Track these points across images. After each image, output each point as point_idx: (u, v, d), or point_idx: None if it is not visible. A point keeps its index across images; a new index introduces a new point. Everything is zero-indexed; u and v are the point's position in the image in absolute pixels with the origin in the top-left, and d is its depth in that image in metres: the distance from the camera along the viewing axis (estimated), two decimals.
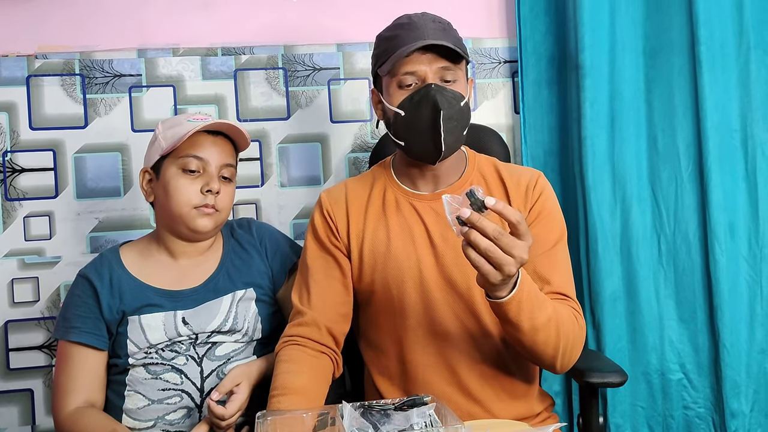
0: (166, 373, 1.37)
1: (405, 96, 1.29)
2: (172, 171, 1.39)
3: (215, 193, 1.39)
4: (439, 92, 1.26)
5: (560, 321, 1.20)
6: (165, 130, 1.41)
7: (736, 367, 1.79)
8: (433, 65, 1.27)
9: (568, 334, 1.22)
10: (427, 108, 1.26)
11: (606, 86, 1.84)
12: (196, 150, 1.38)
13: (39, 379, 1.84)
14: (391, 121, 1.34)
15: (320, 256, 1.39)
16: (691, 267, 1.83)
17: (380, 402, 1.12)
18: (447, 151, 1.29)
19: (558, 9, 1.93)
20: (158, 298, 1.39)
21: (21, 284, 1.84)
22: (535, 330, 1.17)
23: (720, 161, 1.80)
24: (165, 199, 1.39)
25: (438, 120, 1.25)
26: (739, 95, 1.82)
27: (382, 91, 1.35)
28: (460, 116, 1.30)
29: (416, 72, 1.28)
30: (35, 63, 1.84)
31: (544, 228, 1.34)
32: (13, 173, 1.83)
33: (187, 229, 1.40)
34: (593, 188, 1.82)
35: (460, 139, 1.33)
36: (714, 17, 1.79)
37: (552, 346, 1.20)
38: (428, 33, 1.27)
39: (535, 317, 1.16)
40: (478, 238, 1.02)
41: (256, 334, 1.44)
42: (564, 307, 1.26)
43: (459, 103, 1.29)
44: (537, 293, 1.17)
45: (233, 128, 1.42)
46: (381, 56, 1.32)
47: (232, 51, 1.91)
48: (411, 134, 1.30)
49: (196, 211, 1.38)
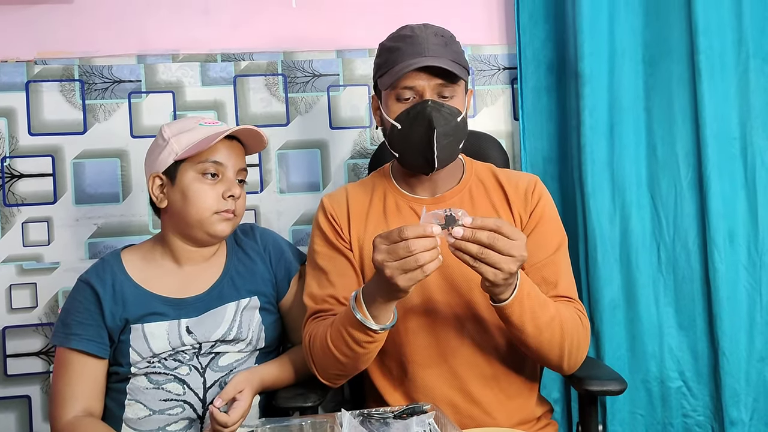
0: (169, 383, 1.36)
1: (402, 110, 1.30)
2: (191, 176, 1.37)
3: (236, 198, 1.39)
4: (435, 109, 1.27)
5: (564, 320, 1.23)
6: (176, 134, 1.39)
7: (735, 375, 1.79)
8: (432, 82, 1.28)
9: (573, 333, 1.25)
10: (422, 124, 1.27)
11: (605, 94, 1.84)
12: (215, 155, 1.37)
13: (36, 386, 1.83)
14: (387, 132, 1.35)
15: (332, 256, 1.38)
16: (690, 275, 1.83)
17: (379, 410, 1.13)
18: (440, 165, 1.31)
19: (557, 16, 1.94)
20: (162, 307, 1.38)
21: (19, 290, 1.83)
22: (540, 330, 1.19)
23: (719, 169, 1.80)
24: (183, 205, 1.37)
25: (432, 137, 1.27)
26: (739, 103, 1.82)
27: (381, 100, 1.36)
28: (456, 132, 1.31)
29: (414, 87, 1.29)
30: (34, 69, 1.84)
31: (547, 232, 1.36)
32: (11, 179, 1.83)
33: (206, 234, 1.39)
34: (592, 195, 1.82)
35: (455, 153, 1.35)
36: (713, 26, 1.79)
37: (557, 346, 1.23)
38: (429, 49, 1.28)
39: (538, 317, 1.18)
40: (468, 245, 1.05)
41: (259, 344, 1.44)
42: (567, 307, 1.28)
43: (455, 119, 1.30)
44: (537, 294, 1.20)
45: (253, 132, 1.41)
46: (382, 66, 1.33)
47: (231, 57, 1.91)
48: (406, 148, 1.32)
49: (217, 216, 1.37)
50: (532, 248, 1.30)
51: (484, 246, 1.05)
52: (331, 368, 1.29)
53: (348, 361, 1.24)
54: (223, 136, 1.36)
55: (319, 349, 1.28)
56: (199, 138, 1.36)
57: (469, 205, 1.38)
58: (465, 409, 1.32)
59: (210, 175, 1.37)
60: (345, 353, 1.23)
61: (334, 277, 1.37)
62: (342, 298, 1.35)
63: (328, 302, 1.35)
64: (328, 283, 1.36)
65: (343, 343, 1.21)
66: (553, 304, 1.23)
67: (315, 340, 1.29)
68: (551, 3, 1.95)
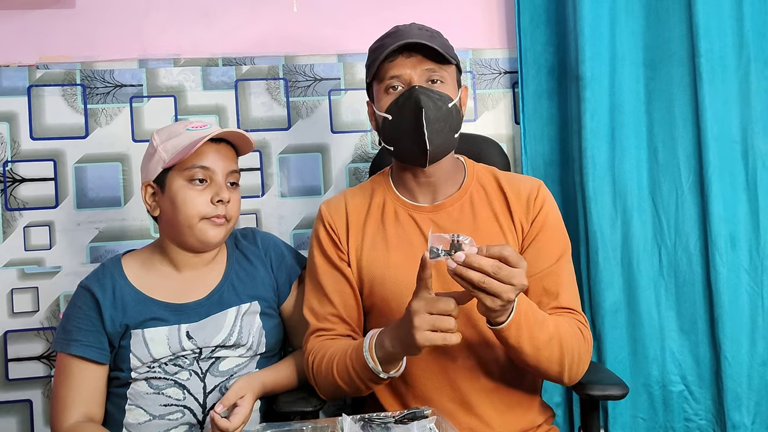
0: (169, 388, 1.36)
1: (392, 100, 1.30)
2: (179, 183, 1.36)
3: (226, 203, 1.37)
4: (423, 93, 1.26)
5: (563, 337, 1.21)
6: (164, 141, 1.39)
7: (737, 378, 1.78)
8: (418, 68, 1.28)
9: (573, 349, 1.23)
10: (410, 110, 1.26)
11: (606, 97, 1.84)
12: (202, 160, 1.36)
13: (38, 390, 1.83)
14: (380, 127, 1.34)
15: (329, 271, 1.39)
16: (691, 278, 1.83)
17: (380, 415, 1.12)
18: (434, 151, 1.29)
19: (558, 20, 1.94)
20: (162, 312, 1.38)
21: (20, 294, 1.83)
22: (537, 350, 1.18)
23: (720, 172, 1.79)
24: (173, 213, 1.37)
25: (421, 120, 1.25)
26: (740, 107, 1.82)
27: (374, 101, 1.36)
28: (448, 117, 1.29)
29: (401, 75, 1.29)
30: (36, 73, 1.84)
31: (549, 241, 1.34)
32: (13, 183, 1.83)
33: (198, 242, 1.38)
34: (593, 199, 1.82)
35: (450, 141, 1.32)
36: (714, 29, 1.79)
37: (557, 362, 1.21)
38: (412, 36, 1.28)
39: (536, 337, 1.17)
40: (470, 273, 1.04)
41: (260, 348, 1.43)
42: (568, 321, 1.26)
43: (446, 104, 1.28)
44: (535, 313, 1.18)
45: (237, 134, 1.40)
46: (370, 66, 1.34)
47: (233, 61, 1.91)
48: (398, 137, 1.31)
49: (206, 222, 1.36)
50: (533, 258, 1.30)
51: (487, 275, 1.03)
52: (334, 391, 1.32)
53: (351, 390, 1.28)
54: (208, 140, 1.35)
55: (323, 374, 1.30)
56: (184, 144, 1.35)
57: (469, 213, 1.36)
58: (465, 421, 1.31)
59: (198, 181, 1.36)
60: (349, 385, 1.26)
61: (333, 296, 1.37)
62: (346, 317, 1.36)
63: (330, 320, 1.36)
64: (328, 302, 1.37)
65: (348, 377, 1.24)
66: (552, 321, 1.21)
67: (320, 363, 1.30)
68: (552, 6, 1.95)
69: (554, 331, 1.20)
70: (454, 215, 1.36)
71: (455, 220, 1.36)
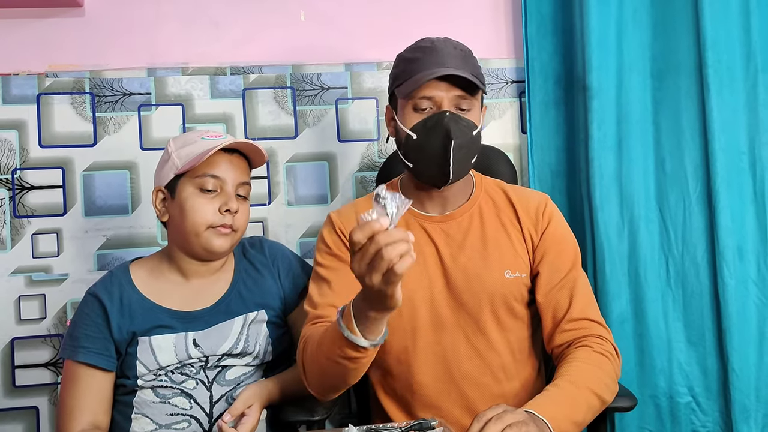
0: (175, 397, 1.36)
1: (419, 120, 1.29)
2: (189, 190, 1.37)
3: (233, 213, 1.38)
4: (453, 120, 1.27)
5: (598, 391, 1.21)
6: (178, 149, 1.40)
7: (745, 390, 1.77)
8: (450, 93, 1.28)
9: (605, 391, 1.23)
10: (439, 135, 1.27)
11: (613, 107, 1.84)
12: (213, 169, 1.37)
13: (44, 397, 1.84)
14: (402, 142, 1.34)
15: (337, 267, 1.35)
16: (699, 289, 1.82)
17: (387, 425, 1.12)
18: (454, 177, 1.30)
19: (565, 30, 1.94)
20: (169, 320, 1.38)
21: (28, 301, 1.84)
22: (585, 422, 1.19)
23: (728, 183, 1.79)
24: (181, 219, 1.37)
25: (449, 148, 1.26)
26: (747, 117, 1.82)
27: (397, 110, 1.35)
28: (471, 144, 1.31)
29: (433, 98, 1.28)
30: (45, 81, 1.85)
31: (559, 255, 1.35)
32: (22, 191, 1.84)
33: (203, 250, 1.39)
34: (600, 209, 1.82)
35: (469, 166, 1.34)
36: (721, 40, 1.79)
37: (597, 411, 1.22)
38: (449, 60, 1.27)
39: (576, 413, 1.15)
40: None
41: (266, 357, 1.43)
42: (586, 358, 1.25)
43: (471, 132, 1.30)
44: (562, 407, 1.14)
45: (250, 146, 1.41)
46: (399, 76, 1.33)
47: (240, 70, 1.92)
48: (421, 158, 1.31)
49: (213, 231, 1.37)
50: (546, 273, 1.32)
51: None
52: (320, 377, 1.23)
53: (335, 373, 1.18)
54: (221, 150, 1.36)
55: (310, 359, 1.23)
56: (198, 152, 1.36)
57: (478, 223, 1.37)
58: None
59: (207, 190, 1.37)
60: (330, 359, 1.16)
61: (337, 287, 1.32)
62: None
63: (328, 309, 1.32)
64: (330, 292, 1.33)
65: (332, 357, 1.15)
66: (582, 396, 1.18)
67: (311, 347, 1.23)
68: (559, 16, 1.95)
69: (589, 395, 1.19)
70: (464, 225, 1.37)
71: (465, 229, 1.37)
